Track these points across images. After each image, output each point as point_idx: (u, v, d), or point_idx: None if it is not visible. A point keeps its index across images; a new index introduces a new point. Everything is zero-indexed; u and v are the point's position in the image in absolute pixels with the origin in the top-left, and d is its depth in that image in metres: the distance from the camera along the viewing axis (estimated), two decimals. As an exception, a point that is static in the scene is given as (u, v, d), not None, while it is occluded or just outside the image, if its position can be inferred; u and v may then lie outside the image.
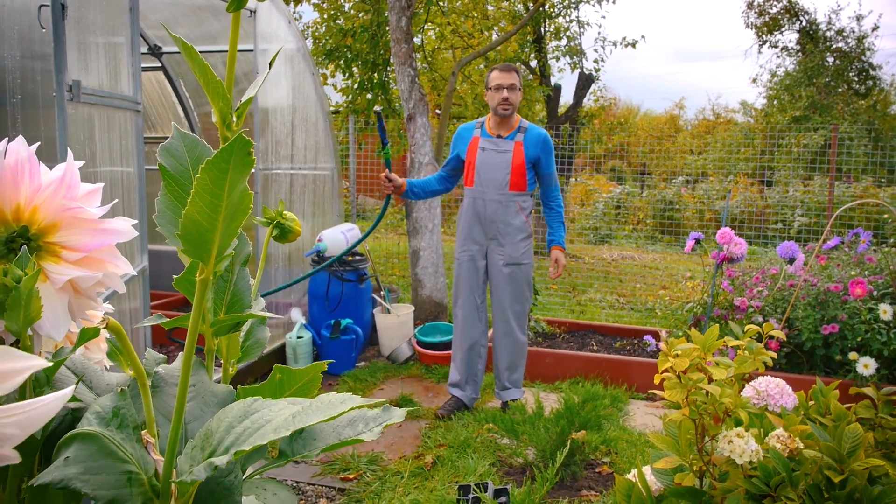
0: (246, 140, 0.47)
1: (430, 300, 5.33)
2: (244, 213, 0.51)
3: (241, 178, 0.48)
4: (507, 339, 3.65)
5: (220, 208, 0.47)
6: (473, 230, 3.62)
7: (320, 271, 4.32)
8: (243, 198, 0.49)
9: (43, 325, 0.72)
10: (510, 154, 3.52)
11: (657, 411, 3.89)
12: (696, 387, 1.49)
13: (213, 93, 0.49)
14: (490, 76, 3.58)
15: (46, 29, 2.73)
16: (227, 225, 0.49)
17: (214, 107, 0.50)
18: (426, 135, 5.26)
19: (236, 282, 0.77)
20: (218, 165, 0.46)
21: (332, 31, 7.80)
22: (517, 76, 3.55)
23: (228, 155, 0.46)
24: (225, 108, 0.50)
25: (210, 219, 0.48)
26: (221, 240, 0.50)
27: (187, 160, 0.56)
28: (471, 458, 3.06)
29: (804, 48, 17.10)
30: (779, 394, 1.95)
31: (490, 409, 3.77)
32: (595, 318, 6.01)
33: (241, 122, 0.51)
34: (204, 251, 0.51)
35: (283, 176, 4.54)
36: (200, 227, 0.48)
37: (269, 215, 0.89)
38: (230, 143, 0.45)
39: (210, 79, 0.49)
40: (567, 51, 10.32)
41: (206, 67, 0.49)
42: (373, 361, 4.68)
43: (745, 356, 1.67)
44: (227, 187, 0.46)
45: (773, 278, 4.30)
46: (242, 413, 0.55)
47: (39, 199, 0.75)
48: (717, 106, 30.78)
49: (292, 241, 0.94)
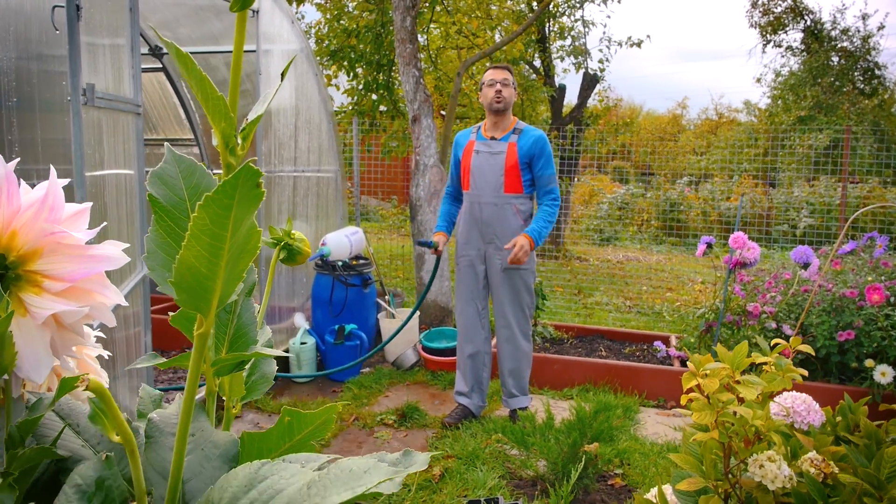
0: (254, 170, 0.38)
1: (436, 304, 5.25)
2: (251, 254, 0.42)
3: (247, 214, 0.39)
4: (509, 346, 3.57)
5: (222, 252, 0.39)
6: (471, 234, 3.54)
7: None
8: (250, 237, 0.41)
9: (21, 366, 0.64)
10: (503, 155, 3.45)
11: (669, 420, 3.81)
12: (726, 409, 1.41)
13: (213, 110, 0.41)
14: (484, 74, 3.57)
15: (60, 31, 2.66)
16: (231, 270, 0.41)
17: (215, 128, 0.42)
18: (431, 136, 5.18)
19: (240, 313, 0.69)
20: (219, 201, 0.37)
21: (336, 31, 7.72)
22: (510, 73, 3.53)
23: (232, 188, 0.37)
24: (228, 129, 0.41)
25: (210, 264, 0.40)
26: (224, 287, 0.42)
27: (183, 189, 0.47)
28: (480, 471, 2.98)
29: (809, 48, 16.99)
30: (806, 410, 1.87)
31: (498, 417, 3.68)
32: (602, 322, 5.93)
33: (247, 145, 0.43)
34: (203, 302, 0.43)
35: (286, 179, 4.46)
36: (198, 275, 0.40)
37: (276, 235, 0.81)
38: (235, 173, 0.37)
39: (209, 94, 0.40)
40: (572, 51, 10.23)
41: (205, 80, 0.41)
42: (378, 367, 4.60)
43: (773, 374, 1.59)
44: (230, 226, 0.38)
45: (787, 283, 4.21)
46: (248, 481, 0.47)
47: (19, 223, 0.66)
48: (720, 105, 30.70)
49: (301, 264, 0.86)
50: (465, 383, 3.66)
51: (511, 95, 3.49)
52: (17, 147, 2.59)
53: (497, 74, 3.49)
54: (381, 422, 3.67)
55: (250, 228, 0.41)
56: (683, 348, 4.26)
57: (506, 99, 3.46)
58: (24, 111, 2.63)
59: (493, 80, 3.47)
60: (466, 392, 3.66)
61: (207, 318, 0.45)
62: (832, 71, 16.25)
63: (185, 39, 5.02)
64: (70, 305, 0.63)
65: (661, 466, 3.05)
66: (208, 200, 0.38)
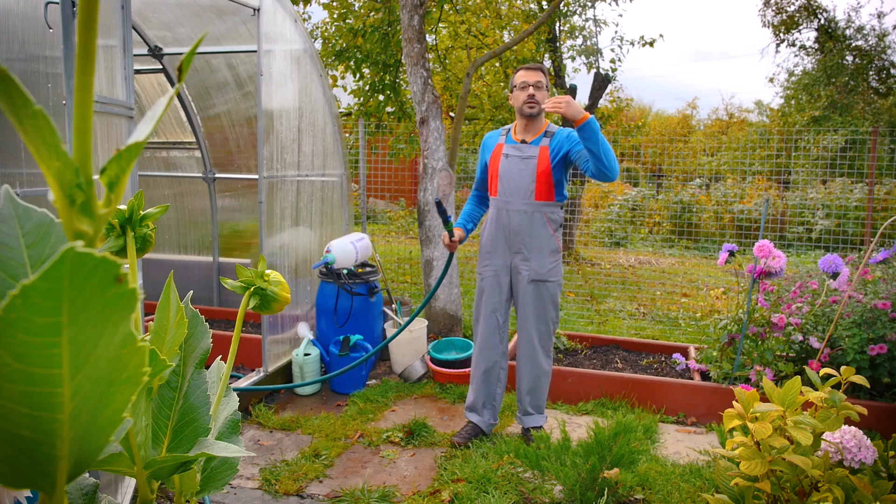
0: (95, 260, 0.20)
1: (445, 313, 5.08)
2: (133, 384, 0.24)
3: (105, 329, 0.21)
4: (530, 363, 3.38)
5: (58, 401, 0.22)
6: (497, 243, 3.34)
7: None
8: (125, 361, 0.23)
9: None
10: (535, 160, 3.24)
11: (690, 437, 3.61)
12: (778, 457, 1.23)
13: (32, 136, 0.23)
14: (515, 75, 3.32)
15: (54, 29, 2.51)
16: (90, 419, 0.23)
17: (45, 170, 0.24)
18: (440, 139, 5.00)
19: (188, 392, 0.52)
20: (26, 322, 0.19)
21: (342, 31, 7.55)
22: (543, 75, 3.29)
23: (51, 294, 0.19)
24: (65, 172, 0.24)
25: (37, 423, 0.22)
26: (81, 446, 0.24)
27: (27, 267, 0.30)
28: (492, 496, 2.80)
29: (823, 46, 16.72)
30: (857, 447, 1.69)
31: (510, 435, 3.51)
32: (617, 330, 5.73)
33: (117, 197, 0.25)
34: (38, 476, 0.25)
35: (289, 183, 4.29)
36: (17, 440, 0.23)
37: (246, 277, 0.63)
38: (52, 263, 0.19)
39: (21, 106, 0.23)
40: (583, 50, 10.03)
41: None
42: (384, 379, 4.43)
43: (827, 412, 1.40)
44: (65, 359, 0.20)
45: (814, 293, 4.01)
46: None
47: None
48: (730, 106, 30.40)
49: (277, 312, 0.69)
50: (476, 398, 3.48)
51: (544, 98, 3.25)
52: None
53: (530, 77, 3.25)
54: (387, 439, 3.50)
55: (122, 347, 0.23)
56: (705, 361, 4.06)
57: (539, 103, 3.23)
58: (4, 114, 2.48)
59: (525, 83, 3.24)
60: (478, 409, 3.48)
61: (52, 498, 0.27)
62: (847, 70, 15.98)
63: (187, 40, 4.86)
64: None
65: (685, 492, 2.86)
66: (13, 304, 0.20)
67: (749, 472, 1.23)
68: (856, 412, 1.41)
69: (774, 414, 1.26)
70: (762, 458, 1.22)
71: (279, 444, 3.45)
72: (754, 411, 1.26)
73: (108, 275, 0.21)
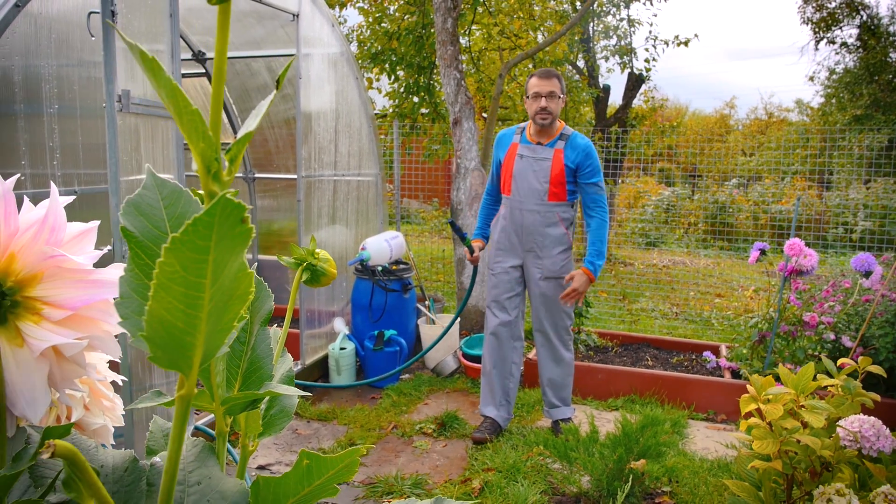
0: (233, 204, 0.31)
1: (476, 310, 5.17)
2: (241, 301, 0.35)
3: (231, 256, 0.32)
4: (547, 356, 3.47)
5: (201, 302, 0.32)
6: (510, 241, 3.43)
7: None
8: (238, 282, 0.33)
9: (16, 403, 0.58)
10: (549, 162, 3.31)
11: (719, 434, 3.65)
12: (790, 437, 1.29)
13: (188, 127, 0.33)
14: (529, 83, 3.34)
15: (96, 37, 2.67)
16: (216, 321, 0.34)
17: (193, 149, 0.35)
18: (472, 139, 5.10)
19: (255, 345, 0.62)
20: (191, 243, 0.30)
21: (377, 34, 7.70)
22: (558, 82, 3.30)
23: (207, 227, 0.30)
24: (208, 150, 0.34)
25: (187, 317, 0.33)
26: (208, 341, 0.35)
27: (165, 220, 0.40)
28: (521, 485, 2.89)
29: (865, 44, 16.34)
30: (875, 436, 1.73)
31: (539, 428, 3.58)
32: (648, 329, 5.76)
33: (235, 169, 0.35)
34: (181, 360, 0.36)
35: (326, 183, 4.43)
36: (173, 329, 0.33)
37: (299, 255, 0.74)
38: (211, 205, 0.30)
39: (182, 107, 0.33)
40: (616, 50, 10.02)
41: (177, 91, 0.33)
42: (417, 374, 4.54)
43: (842, 398, 1.46)
44: (209, 273, 0.31)
45: (846, 292, 4.00)
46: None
47: (17, 246, 0.60)
48: (769, 105, 29.86)
49: (325, 286, 0.80)
50: (491, 396, 3.55)
51: (557, 107, 3.29)
52: (59, 153, 2.60)
53: (543, 87, 3.26)
54: (420, 430, 3.61)
55: (238, 272, 0.34)
56: (735, 360, 4.08)
57: (552, 114, 3.28)
58: (65, 117, 2.65)
59: (537, 93, 3.26)
60: (494, 403, 3.55)
61: (189, 378, 0.38)
62: (890, 68, 15.60)
63: (229, 44, 5.04)
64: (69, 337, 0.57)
65: (712, 485, 2.90)
66: (176, 242, 0.30)
67: (761, 450, 1.29)
68: (870, 399, 1.46)
69: (787, 397, 1.33)
70: (774, 438, 1.29)
71: (316, 433, 3.58)
72: (766, 393, 1.33)
73: (239, 215, 0.32)
